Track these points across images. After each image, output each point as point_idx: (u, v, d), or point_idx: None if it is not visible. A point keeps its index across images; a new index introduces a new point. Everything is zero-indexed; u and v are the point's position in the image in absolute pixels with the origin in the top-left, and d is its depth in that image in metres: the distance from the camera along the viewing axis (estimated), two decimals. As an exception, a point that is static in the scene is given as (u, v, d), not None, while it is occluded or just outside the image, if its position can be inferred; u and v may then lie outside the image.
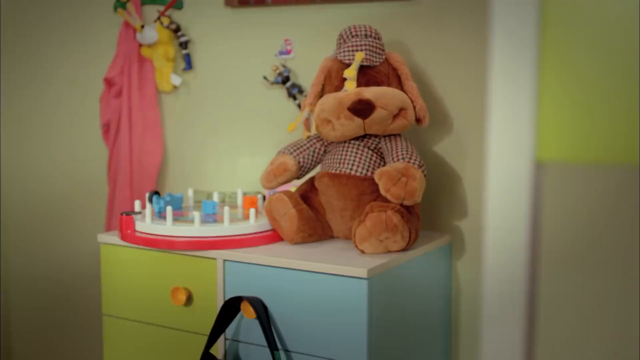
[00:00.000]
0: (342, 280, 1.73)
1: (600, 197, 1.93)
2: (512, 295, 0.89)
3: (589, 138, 0.82)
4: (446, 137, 2.10)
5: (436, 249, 2.00)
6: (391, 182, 1.82)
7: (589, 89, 0.81)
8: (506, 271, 0.88)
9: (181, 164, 2.53)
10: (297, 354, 1.80)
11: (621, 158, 0.82)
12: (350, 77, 1.90)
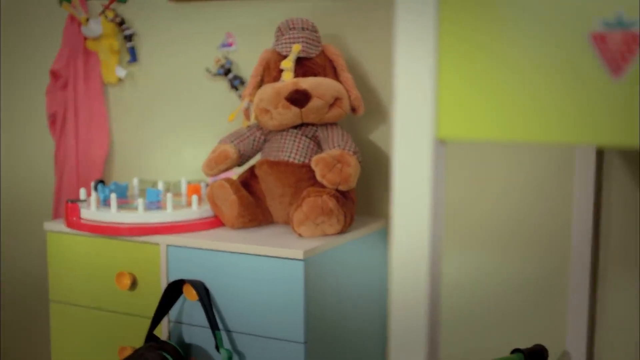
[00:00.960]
0: (280, 262, 1.81)
1: (499, 173, 2.05)
2: (417, 269, 0.97)
3: (488, 116, 0.91)
4: (380, 126, 2.19)
5: (371, 233, 2.08)
6: (327, 168, 1.91)
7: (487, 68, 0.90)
8: (411, 245, 0.96)
9: (127, 154, 2.58)
10: (238, 334, 1.88)
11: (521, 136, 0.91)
12: (288, 68, 1.98)
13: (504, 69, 0.89)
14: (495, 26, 0.89)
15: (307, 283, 1.80)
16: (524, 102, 0.88)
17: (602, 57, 0.84)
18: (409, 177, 0.94)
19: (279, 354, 1.83)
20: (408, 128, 0.93)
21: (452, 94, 0.91)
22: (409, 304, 0.98)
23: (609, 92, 0.84)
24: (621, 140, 0.84)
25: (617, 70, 0.83)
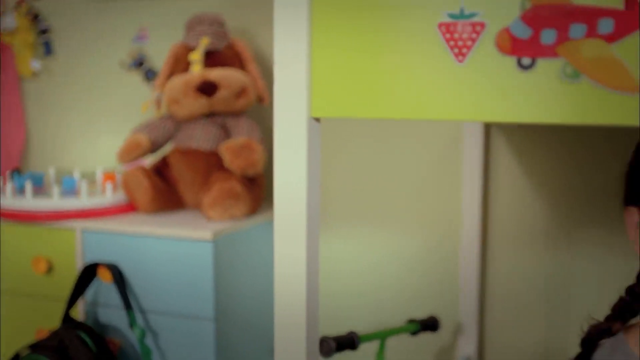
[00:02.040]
0: (190, 243, 1.91)
1: (391, 151, 2.18)
2: (297, 242, 1.08)
3: (357, 95, 1.03)
4: (287, 115, 2.30)
5: (279, 216, 2.20)
6: (235, 155, 2.02)
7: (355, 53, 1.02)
8: (291, 220, 1.08)
9: (44, 145, 2.65)
10: (151, 313, 1.97)
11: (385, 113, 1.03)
12: (196, 60, 2.08)
13: (370, 53, 1.01)
14: (361, 17, 1.01)
15: (216, 263, 1.91)
16: (386, 83, 1.01)
17: (448, 44, 0.97)
18: (287, 154, 1.06)
19: (190, 331, 1.93)
20: (285, 108, 1.05)
21: (323, 76, 1.03)
22: (290, 278, 1.10)
23: (455, 74, 0.97)
24: (467, 115, 0.97)
25: (461, 56, 0.96)
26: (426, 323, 1.94)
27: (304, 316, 1.11)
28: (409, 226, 2.16)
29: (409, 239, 2.16)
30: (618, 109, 0.90)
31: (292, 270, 1.10)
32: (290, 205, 1.08)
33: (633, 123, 0.90)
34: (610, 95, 0.90)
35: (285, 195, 1.08)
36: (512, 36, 0.94)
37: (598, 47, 0.90)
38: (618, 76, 0.90)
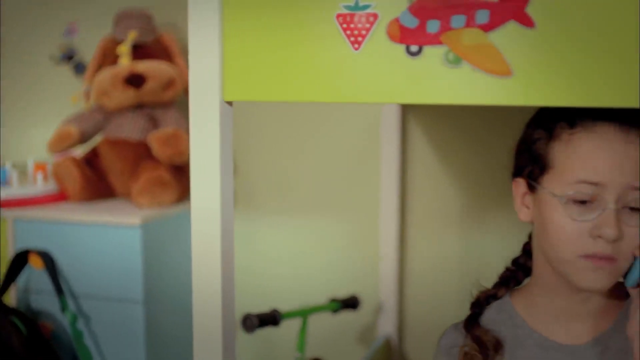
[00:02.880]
0: (120, 229, 1.99)
1: (293, 137, 2.26)
2: (212, 219, 1.16)
3: (266, 80, 1.11)
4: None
5: (208, 204, 2.28)
6: (163, 144, 2.10)
7: (265, 40, 1.11)
8: (206, 200, 1.16)
9: (-25, 138, 2.69)
10: (83, 298, 2.04)
11: (293, 96, 1.12)
12: (124, 53, 2.15)
13: (277, 41, 1.10)
14: (269, 7, 1.10)
15: (144, 248, 1.98)
16: (292, 68, 1.10)
17: (345, 33, 1.07)
18: (202, 137, 1.14)
19: (121, 314, 2.01)
20: (199, 92, 1.13)
21: (235, 62, 1.12)
22: (205, 258, 1.18)
23: (352, 61, 1.07)
24: (364, 98, 1.07)
25: (357, 44, 1.06)
26: (347, 302, 2.04)
27: (219, 295, 1.18)
28: (330, 210, 2.27)
29: (331, 222, 2.26)
30: (495, 91, 1.01)
31: (208, 249, 1.18)
32: (205, 187, 1.16)
33: (507, 103, 1.01)
34: (487, 79, 1.01)
35: (200, 178, 1.16)
36: (401, 26, 1.04)
37: (476, 35, 1.01)
38: (494, 62, 1.01)
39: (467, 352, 1.15)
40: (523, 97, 1.00)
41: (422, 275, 2.19)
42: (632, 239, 1.03)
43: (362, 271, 2.23)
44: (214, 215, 1.17)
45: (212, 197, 1.16)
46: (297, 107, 2.25)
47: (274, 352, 2.27)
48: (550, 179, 1.08)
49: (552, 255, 1.07)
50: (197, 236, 1.18)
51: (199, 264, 1.19)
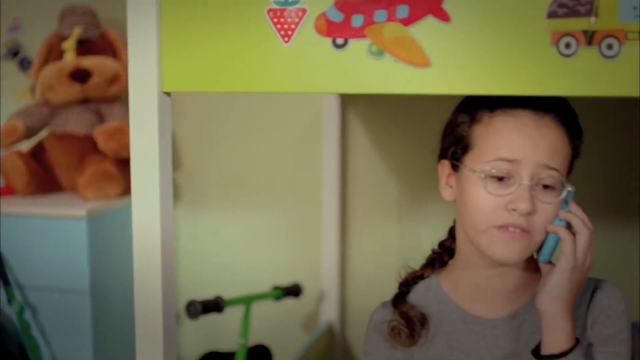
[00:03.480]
0: (65, 221, 2.02)
1: (238, 130, 2.32)
2: (152, 208, 1.21)
3: (203, 71, 1.17)
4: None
5: (153, 196, 2.33)
6: (108, 138, 2.14)
7: (201, 33, 1.16)
8: (145, 190, 1.22)
9: None
10: (30, 289, 2.07)
11: (233, 87, 1.18)
12: (69, 48, 2.19)
13: (212, 35, 1.15)
14: (205, 3, 1.16)
15: (91, 240, 2.02)
16: (227, 60, 1.15)
17: (276, 27, 1.13)
18: (141, 127, 1.19)
19: (68, 305, 2.05)
20: (138, 84, 1.18)
21: (172, 54, 1.17)
22: (146, 244, 1.23)
23: (282, 53, 1.13)
24: (294, 88, 1.14)
25: (287, 37, 1.13)
26: (289, 290, 2.11)
27: (159, 285, 1.23)
28: (273, 201, 2.33)
29: (274, 213, 2.33)
30: (415, 81, 1.09)
31: (148, 238, 1.23)
32: (144, 176, 1.21)
33: (426, 92, 1.08)
34: (408, 69, 1.08)
35: (140, 168, 1.21)
36: (328, 20, 1.11)
37: (397, 29, 1.08)
38: (413, 53, 1.08)
39: (394, 327, 1.22)
40: (441, 86, 1.08)
41: (363, 263, 2.27)
42: (545, 215, 1.11)
43: (305, 260, 2.30)
44: (154, 201, 1.22)
45: (151, 183, 1.21)
46: (240, 101, 2.31)
47: (219, 339, 2.32)
48: (471, 158, 1.15)
49: (471, 228, 1.15)
50: (137, 224, 1.23)
51: (140, 253, 1.24)
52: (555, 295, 1.09)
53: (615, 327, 1.17)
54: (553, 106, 1.13)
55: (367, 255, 2.26)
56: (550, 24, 1.03)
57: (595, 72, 1.03)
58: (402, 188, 2.20)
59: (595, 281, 1.21)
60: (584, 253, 1.10)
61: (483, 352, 1.20)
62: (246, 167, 2.34)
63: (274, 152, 2.31)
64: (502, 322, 1.20)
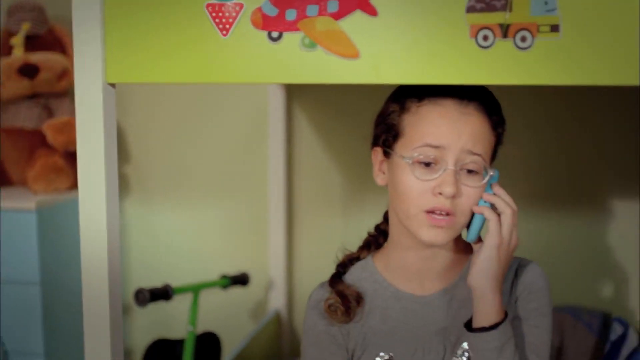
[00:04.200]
0: (15, 214, 2.06)
1: (187, 125, 2.37)
2: (98, 198, 1.27)
3: (148, 63, 1.22)
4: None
5: (103, 190, 2.37)
6: (57, 132, 2.18)
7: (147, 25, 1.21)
8: (91, 181, 1.27)
9: None
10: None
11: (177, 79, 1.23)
12: (17, 44, 2.22)
13: (155, 28, 1.21)
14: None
15: (40, 232, 2.06)
16: (169, 53, 1.21)
17: (214, 21, 1.19)
18: (86, 119, 1.25)
19: (18, 296, 2.08)
20: (83, 75, 1.24)
21: (117, 46, 1.22)
22: (93, 235, 1.28)
23: (221, 46, 1.19)
24: (233, 79, 1.20)
25: (225, 31, 1.19)
26: (237, 278, 2.17)
27: (106, 275, 1.28)
28: (221, 192, 2.39)
29: (222, 204, 2.38)
30: (345, 72, 1.16)
31: (95, 229, 1.28)
32: (90, 165, 1.27)
33: (356, 82, 1.16)
34: (338, 61, 1.16)
35: (86, 156, 1.27)
36: (263, 14, 1.17)
37: (328, 23, 1.15)
38: (344, 46, 1.15)
39: (331, 305, 1.30)
40: (369, 76, 1.15)
41: (309, 252, 2.34)
42: (470, 198, 1.19)
43: (253, 250, 2.36)
44: (99, 187, 1.27)
45: (97, 172, 1.27)
46: (187, 96, 2.37)
47: (169, 326, 2.37)
48: (401, 145, 1.23)
49: (401, 212, 1.23)
50: (84, 212, 1.29)
51: (86, 244, 1.29)
52: (485, 271, 1.17)
53: (537, 302, 1.26)
54: (476, 95, 1.20)
55: (313, 245, 2.33)
56: (470, 18, 1.11)
57: (511, 62, 1.11)
58: (346, 179, 2.28)
59: (519, 260, 1.30)
60: (509, 231, 1.19)
61: (415, 327, 1.28)
62: (195, 160, 2.39)
63: (222, 144, 2.37)
64: (432, 299, 1.28)
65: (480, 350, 1.17)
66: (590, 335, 2.01)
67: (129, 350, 2.45)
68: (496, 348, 1.15)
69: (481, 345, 1.16)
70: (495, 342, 1.15)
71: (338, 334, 1.30)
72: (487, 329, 1.16)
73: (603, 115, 2.14)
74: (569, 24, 1.09)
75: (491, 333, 1.16)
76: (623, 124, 2.13)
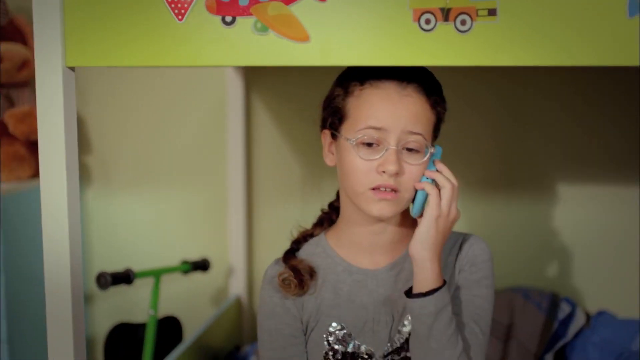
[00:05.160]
0: (-23, 202, 2.09)
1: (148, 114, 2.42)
2: (59, 182, 1.31)
3: (108, 46, 1.26)
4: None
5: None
6: (18, 121, 2.21)
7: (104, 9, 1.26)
8: (52, 165, 1.31)
9: None
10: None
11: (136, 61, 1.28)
12: (-23, 35, 2.25)
13: (113, 13, 1.25)
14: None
15: (3, 220, 2.09)
16: (127, 37, 1.25)
17: (170, 6, 1.24)
18: (47, 103, 1.29)
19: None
20: (43, 59, 1.28)
21: (76, 30, 1.26)
22: (54, 223, 1.32)
23: (177, 30, 1.24)
24: (189, 62, 1.26)
25: (181, 15, 1.24)
26: (197, 264, 2.22)
27: (68, 261, 1.32)
28: (181, 180, 2.43)
29: (183, 192, 2.43)
30: (296, 54, 1.22)
31: (56, 214, 1.32)
32: (51, 151, 1.31)
33: (306, 64, 1.21)
34: (290, 44, 1.21)
35: (47, 144, 1.31)
36: (217, 0, 1.23)
37: (279, 7, 1.21)
38: (294, 30, 1.21)
39: (284, 278, 1.35)
40: (319, 58, 1.21)
41: (269, 238, 2.39)
42: (412, 175, 1.26)
43: (214, 237, 2.41)
44: (60, 171, 1.31)
45: (58, 154, 1.31)
46: (146, 86, 2.41)
47: (131, 314, 2.41)
48: (346, 127, 1.29)
49: (349, 190, 1.29)
50: (45, 193, 1.33)
51: (48, 230, 1.33)
52: (424, 241, 1.24)
53: (479, 273, 1.33)
54: (415, 77, 1.27)
55: (273, 231, 2.38)
56: (412, 3, 1.17)
57: (452, 45, 1.18)
58: (304, 166, 2.34)
59: (463, 234, 1.37)
60: (448, 204, 1.25)
61: (365, 299, 1.34)
62: (155, 149, 2.43)
63: (182, 133, 2.41)
64: (382, 272, 1.35)
65: (417, 315, 1.23)
66: (539, 314, 2.10)
67: (91, 338, 2.48)
68: (432, 313, 1.22)
69: (418, 310, 1.23)
70: (431, 307, 1.22)
71: (292, 307, 1.36)
72: (424, 295, 1.23)
73: (551, 100, 2.22)
74: (505, 8, 1.16)
75: (428, 299, 1.22)
76: (570, 110, 2.21)
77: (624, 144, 2.20)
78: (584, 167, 2.23)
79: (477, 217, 1.31)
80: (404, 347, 1.32)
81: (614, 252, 2.25)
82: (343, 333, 1.34)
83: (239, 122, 2.30)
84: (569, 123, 2.22)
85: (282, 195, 2.37)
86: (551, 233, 2.26)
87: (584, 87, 2.20)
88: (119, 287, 2.11)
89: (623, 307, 2.21)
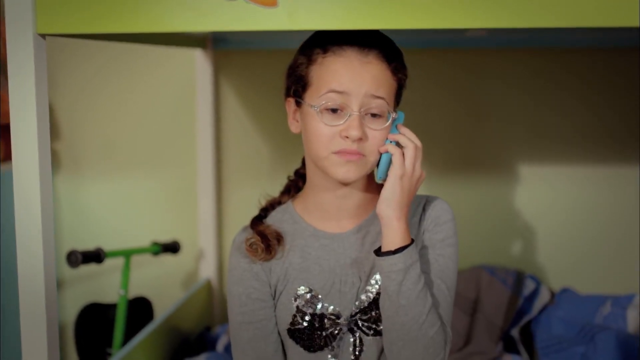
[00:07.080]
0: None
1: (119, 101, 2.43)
2: (30, 159, 1.34)
3: (81, 13, 1.28)
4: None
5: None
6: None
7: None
8: (23, 138, 1.34)
9: None
10: None
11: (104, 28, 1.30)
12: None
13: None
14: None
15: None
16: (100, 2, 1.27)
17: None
18: (18, 71, 1.30)
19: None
20: (14, 27, 1.29)
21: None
22: (26, 200, 1.35)
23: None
24: (160, 28, 1.28)
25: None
26: (168, 246, 2.24)
27: (40, 243, 1.34)
28: (152, 164, 2.45)
29: (153, 175, 2.45)
30: (265, 19, 1.25)
31: (28, 192, 1.35)
32: (22, 123, 1.34)
33: (275, 29, 1.24)
34: (258, 9, 1.24)
35: (18, 114, 1.34)
36: (186, -33, 1.25)
37: (246, -27, 1.24)
38: (263, -5, 1.24)
39: (252, 243, 1.38)
40: (286, 23, 1.24)
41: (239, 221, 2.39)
42: (375, 139, 1.29)
43: (184, 220, 2.43)
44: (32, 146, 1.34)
45: (30, 126, 1.33)
46: (115, 68, 2.42)
47: (100, 295, 2.42)
48: (309, 94, 1.32)
49: (314, 155, 1.32)
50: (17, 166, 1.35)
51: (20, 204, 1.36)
52: (390, 200, 1.27)
53: (442, 233, 1.37)
54: (376, 44, 1.30)
55: (243, 214, 2.37)
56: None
57: (421, 6, 1.21)
58: (273, 147, 2.37)
59: (426, 197, 1.41)
60: (412, 164, 1.29)
61: (333, 262, 1.37)
62: (124, 132, 2.45)
63: (151, 116, 2.43)
64: (348, 235, 1.38)
65: (387, 273, 1.27)
66: (505, 290, 2.14)
67: (61, 324, 2.49)
68: (401, 270, 1.25)
69: (387, 268, 1.26)
70: (400, 265, 1.25)
71: (260, 271, 1.38)
72: (393, 253, 1.26)
73: (512, 80, 2.27)
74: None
75: (396, 256, 1.25)
76: (532, 89, 2.27)
77: (585, 123, 2.26)
78: (547, 146, 2.28)
79: (441, 195, 1.35)
80: (371, 307, 1.35)
81: (577, 231, 2.30)
82: (310, 295, 1.37)
83: (208, 106, 2.32)
84: (531, 102, 2.27)
85: (252, 178, 2.40)
86: (515, 212, 2.31)
87: (544, 67, 2.25)
88: (90, 269, 2.12)
89: (585, 284, 2.27)
